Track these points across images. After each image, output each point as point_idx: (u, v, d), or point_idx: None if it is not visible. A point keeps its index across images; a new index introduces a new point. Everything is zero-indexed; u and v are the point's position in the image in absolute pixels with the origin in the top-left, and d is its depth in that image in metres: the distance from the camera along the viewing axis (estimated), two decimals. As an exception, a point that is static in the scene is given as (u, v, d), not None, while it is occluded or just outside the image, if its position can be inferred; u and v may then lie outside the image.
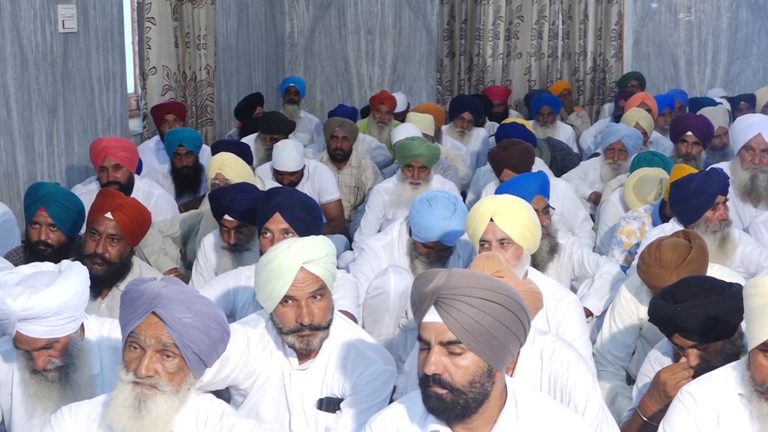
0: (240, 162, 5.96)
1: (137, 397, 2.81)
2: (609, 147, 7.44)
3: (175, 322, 2.82)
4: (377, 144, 9.02)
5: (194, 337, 2.84)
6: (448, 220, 4.73)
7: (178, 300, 2.85)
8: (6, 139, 6.59)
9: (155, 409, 2.81)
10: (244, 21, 10.81)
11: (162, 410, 2.82)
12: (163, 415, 2.83)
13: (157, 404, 2.82)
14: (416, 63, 12.11)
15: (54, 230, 4.72)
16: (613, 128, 7.60)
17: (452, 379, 2.62)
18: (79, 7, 7.38)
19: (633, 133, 7.45)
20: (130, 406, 2.81)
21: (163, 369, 2.83)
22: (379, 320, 4.94)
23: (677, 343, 3.59)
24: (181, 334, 2.82)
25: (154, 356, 2.83)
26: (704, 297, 3.52)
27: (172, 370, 2.84)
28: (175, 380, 2.85)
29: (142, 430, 2.82)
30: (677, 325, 3.53)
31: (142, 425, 2.82)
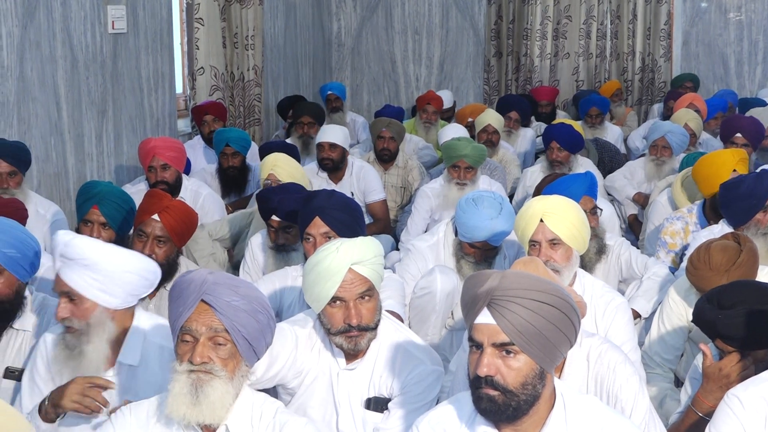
0: (292, 162, 5.98)
1: (193, 384, 2.84)
2: (653, 144, 7.37)
3: (224, 306, 2.85)
4: (424, 144, 9.02)
5: (243, 320, 2.86)
6: (495, 219, 4.71)
7: (225, 284, 2.88)
8: (57, 139, 6.66)
9: (212, 393, 2.84)
10: (292, 21, 10.85)
11: (219, 394, 2.84)
12: (221, 399, 2.85)
13: (214, 388, 2.84)
14: (463, 63, 12.09)
15: (106, 228, 4.77)
16: (658, 125, 7.54)
17: (504, 381, 2.61)
18: (128, 8, 7.44)
19: (677, 130, 7.37)
20: (188, 394, 2.84)
21: (217, 356, 2.86)
22: (426, 320, 4.93)
23: (719, 347, 3.57)
24: (231, 318, 2.85)
25: (207, 343, 2.86)
26: (749, 305, 3.48)
27: (224, 356, 2.87)
28: (229, 366, 2.87)
29: (201, 416, 2.85)
30: (718, 330, 3.51)
31: (201, 411, 2.84)
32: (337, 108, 9.94)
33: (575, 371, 3.44)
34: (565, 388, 2.79)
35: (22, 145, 5.76)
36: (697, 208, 5.75)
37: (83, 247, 3.35)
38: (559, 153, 7.22)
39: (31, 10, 6.32)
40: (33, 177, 6.33)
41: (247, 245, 5.25)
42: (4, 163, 5.54)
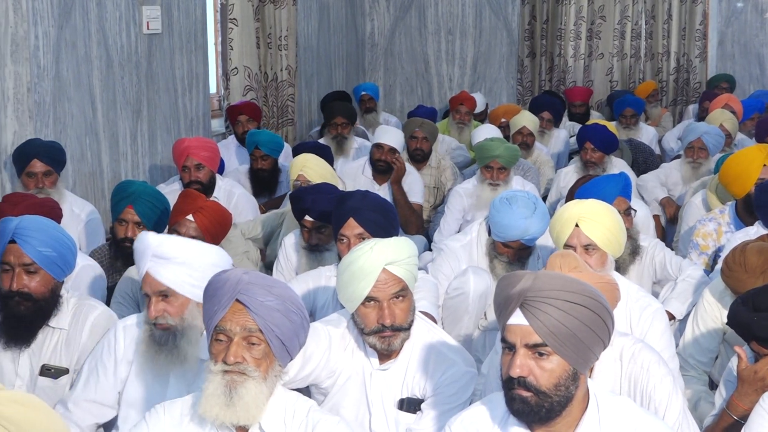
0: (322, 163, 5.99)
1: (227, 384, 2.84)
2: (689, 145, 7.33)
3: (258, 306, 2.85)
4: (457, 144, 9.01)
5: (277, 320, 2.86)
6: (529, 219, 4.70)
7: (259, 284, 2.88)
8: (91, 139, 6.70)
9: (246, 394, 2.84)
10: (325, 22, 10.87)
11: (252, 395, 2.85)
12: (254, 400, 2.85)
13: (248, 389, 2.84)
14: (496, 64, 12.06)
15: (140, 228, 4.79)
16: (693, 126, 7.49)
17: (537, 382, 2.61)
18: (163, 8, 7.48)
19: (713, 131, 7.33)
20: (221, 395, 2.84)
21: (250, 356, 2.86)
22: (458, 321, 4.92)
23: (754, 349, 3.54)
24: (265, 318, 2.85)
25: (241, 343, 2.86)
26: (784, 307, 3.46)
27: (258, 356, 2.87)
28: (263, 366, 2.88)
29: (234, 417, 2.85)
30: (754, 333, 3.49)
31: (235, 412, 2.84)
32: (371, 108, 9.94)
33: (607, 371, 3.43)
34: (598, 389, 2.79)
35: (58, 145, 5.80)
36: (729, 208, 5.71)
37: (177, 245, 3.45)
38: (593, 154, 7.19)
39: (67, 11, 6.36)
40: (68, 176, 6.37)
41: (281, 245, 5.26)
42: (40, 162, 5.58)
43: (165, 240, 3.46)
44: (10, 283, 3.76)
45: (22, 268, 3.76)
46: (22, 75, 5.98)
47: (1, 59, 5.88)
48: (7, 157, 5.92)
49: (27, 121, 6.04)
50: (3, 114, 5.93)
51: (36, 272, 3.75)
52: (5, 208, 4.56)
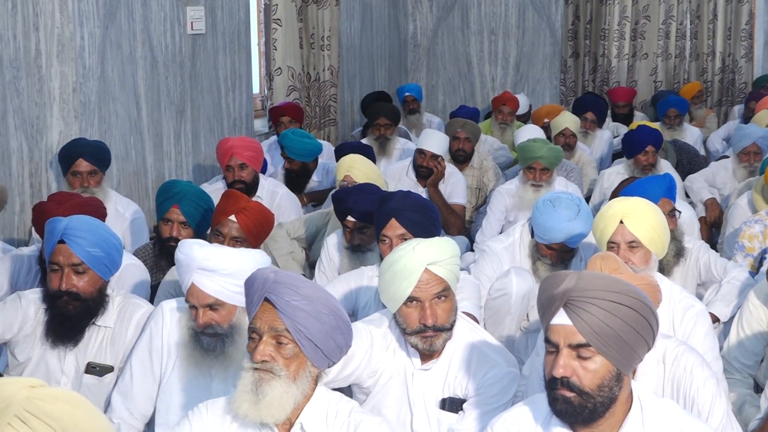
0: (368, 163, 5.99)
1: (255, 381, 2.85)
2: (743, 150, 7.27)
3: (285, 305, 2.85)
4: (499, 145, 8.98)
5: (304, 321, 2.85)
6: (573, 221, 4.68)
7: (286, 284, 2.88)
8: (136, 139, 6.75)
9: (270, 392, 2.84)
10: (368, 22, 10.88)
11: (277, 394, 2.84)
12: (279, 399, 2.85)
13: (272, 387, 2.84)
14: (539, 64, 12.02)
15: (185, 227, 4.82)
16: (747, 131, 7.41)
17: (581, 383, 2.59)
18: (207, 9, 7.52)
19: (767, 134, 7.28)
20: (249, 391, 2.85)
21: (279, 355, 2.86)
22: (501, 322, 4.91)
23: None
24: (292, 318, 2.84)
25: (269, 342, 2.86)
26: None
27: (287, 356, 2.87)
28: (292, 367, 2.87)
29: (259, 415, 2.86)
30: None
31: (259, 409, 2.85)
32: (414, 110, 9.93)
33: (650, 373, 3.40)
34: (642, 390, 2.77)
35: (103, 145, 5.85)
36: (777, 210, 5.67)
37: (222, 257, 3.45)
38: (652, 157, 7.13)
39: (113, 11, 6.41)
40: (113, 176, 6.42)
41: (324, 245, 5.27)
42: (85, 162, 5.63)
43: (211, 253, 3.46)
44: (59, 282, 3.80)
45: (71, 269, 3.80)
46: (67, 75, 6.04)
47: (48, 59, 5.94)
48: (53, 157, 5.99)
49: (72, 121, 6.10)
50: (49, 114, 5.99)
51: (84, 272, 3.78)
52: (51, 207, 4.60)
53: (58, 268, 3.81)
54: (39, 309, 3.95)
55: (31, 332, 3.96)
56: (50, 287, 3.85)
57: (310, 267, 5.88)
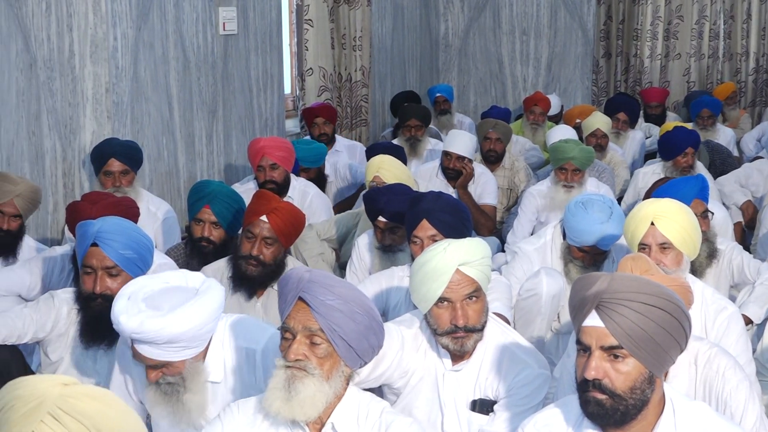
0: (398, 164, 5.98)
1: (287, 379, 2.86)
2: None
3: (319, 305, 2.85)
4: (531, 146, 8.96)
5: (338, 320, 2.86)
6: (605, 224, 4.66)
7: (321, 283, 2.88)
8: (168, 139, 6.78)
9: (303, 390, 2.84)
10: (399, 22, 10.88)
11: (310, 392, 2.85)
12: (311, 397, 2.85)
13: (305, 385, 2.85)
14: (571, 64, 11.97)
15: (217, 227, 4.83)
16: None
17: (613, 385, 2.58)
18: (239, 9, 7.54)
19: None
20: (281, 389, 2.86)
21: (312, 354, 2.87)
22: (531, 323, 4.90)
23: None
24: (326, 317, 2.85)
25: (303, 341, 2.87)
26: None
27: (321, 355, 2.87)
28: (325, 366, 2.88)
29: (291, 413, 2.86)
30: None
31: (292, 407, 2.85)
32: (446, 110, 9.91)
33: (682, 375, 3.38)
34: (674, 393, 2.75)
35: (135, 144, 5.88)
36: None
37: (155, 328, 3.11)
38: (691, 159, 7.09)
39: (145, 12, 6.44)
40: (145, 176, 6.45)
41: (354, 245, 5.28)
42: (117, 162, 5.65)
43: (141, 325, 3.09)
44: (93, 285, 3.82)
45: (105, 271, 3.83)
46: (100, 75, 6.07)
47: (81, 60, 5.97)
48: (86, 156, 6.02)
49: (105, 121, 6.13)
50: (82, 114, 6.03)
51: (118, 274, 3.80)
52: (84, 207, 4.63)
53: (92, 271, 3.84)
54: (72, 309, 3.98)
55: (64, 332, 3.99)
56: (84, 289, 3.88)
57: (340, 268, 5.89)
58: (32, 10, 5.63)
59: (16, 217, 5.05)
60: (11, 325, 3.90)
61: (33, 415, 2.11)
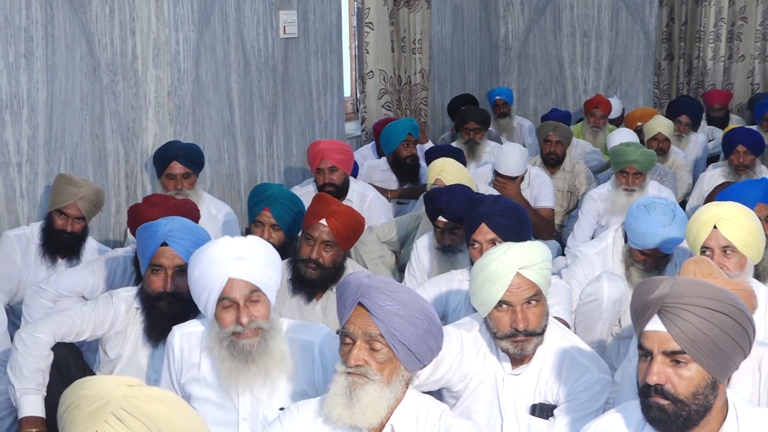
0: (459, 167, 5.96)
1: (348, 386, 2.87)
2: None
3: (379, 310, 2.86)
4: (591, 148, 8.90)
5: (398, 325, 2.86)
6: (667, 227, 4.62)
7: (380, 288, 2.89)
8: (229, 141, 6.83)
9: (364, 396, 2.85)
10: (459, 25, 10.86)
11: (371, 398, 2.86)
12: (373, 403, 2.86)
13: (367, 392, 2.86)
14: (633, 66, 11.86)
15: (276, 230, 4.86)
16: None
17: (675, 390, 2.56)
18: (299, 13, 7.58)
19: None
20: (343, 395, 2.87)
21: (373, 359, 2.88)
22: (592, 327, 4.86)
23: None
24: (386, 322, 2.85)
25: (363, 346, 2.87)
26: None
27: (381, 360, 2.88)
28: (386, 371, 2.89)
29: (353, 419, 2.87)
30: None
31: (353, 414, 2.86)
32: (505, 113, 9.86)
33: (745, 381, 3.34)
34: (737, 399, 2.71)
35: (196, 147, 5.93)
36: None
37: (254, 245, 3.40)
38: (745, 157, 7.00)
39: (207, 16, 6.50)
40: (206, 178, 6.50)
41: (413, 248, 5.28)
42: (179, 164, 5.71)
43: (243, 242, 3.37)
44: (163, 284, 3.87)
45: (176, 270, 3.87)
46: (163, 79, 6.13)
47: (144, 63, 6.04)
48: (148, 159, 6.09)
49: (167, 124, 6.19)
50: (144, 117, 6.09)
51: (184, 271, 3.83)
52: (146, 210, 4.68)
53: (161, 270, 3.88)
54: (131, 307, 4.02)
55: (122, 329, 4.04)
56: (151, 289, 3.92)
57: (399, 270, 5.89)
58: (96, 15, 5.70)
59: (79, 220, 5.12)
60: (70, 323, 3.95)
61: (97, 415, 2.14)
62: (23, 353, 3.86)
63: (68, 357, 4.02)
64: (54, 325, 3.93)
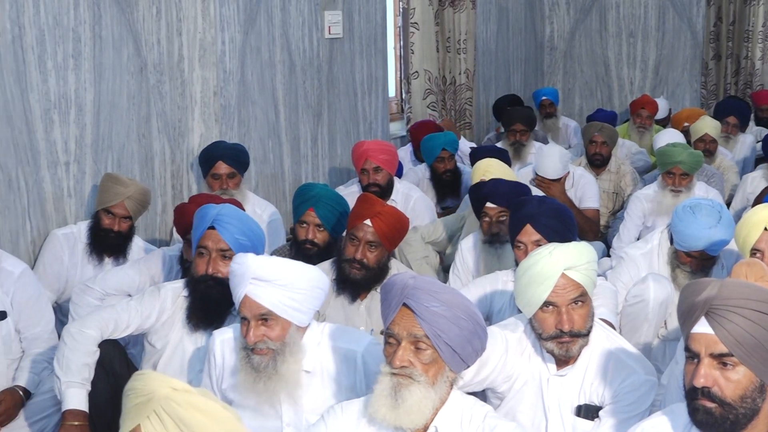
0: (504, 167, 5.95)
1: (393, 387, 2.88)
2: None
3: (424, 311, 2.86)
4: (637, 149, 8.84)
5: (443, 326, 2.87)
6: (713, 228, 4.57)
7: (425, 290, 2.89)
8: (274, 142, 6.85)
9: (410, 397, 2.86)
10: (504, 25, 10.83)
11: (416, 399, 2.86)
12: (418, 404, 2.87)
13: (411, 393, 2.86)
14: (680, 66, 11.77)
15: (321, 230, 4.86)
16: None
17: (722, 393, 2.54)
18: (344, 13, 7.59)
19: None
20: (388, 396, 2.88)
21: (418, 360, 2.88)
22: (637, 329, 4.83)
23: None
24: (431, 323, 2.86)
25: (408, 347, 2.88)
26: None
27: (426, 361, 2.88)
28: (431, 372, 2.89)
29: (398, 420, 2.88)
30: None
31: (398, 414, 2.87)
32: (551, 114, 9.82)
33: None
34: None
35: (242, 147, 5.95)
36: None
37: (278, 267, 3.34)
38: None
39: (253, 17, 6.53)
40: (251, 178, 6.53)
41: (458, 248, 5.27)
42: (224, 164, 5.74)
43: (266, 262, 3.35)
44: (206, 267, 3.90)
45: (219, 254, 3.92)
46: (209, 79, 6.17)
47: (190, 64, 6.08)
48: (194, 159, 6.12)
49: (213, 124, 6.23)
50: (190, 117, 6.13)
51: (230, 258, 3.85)
52: (191, 209, 4.69)
53: (206, 253, 3.92)
54: (177, 297, 4.05)
55: (167, 319, 4.06)
56: (195, 271, 3.96)
57: (444, 271, 5.88)
58: (143, 15, 5.74)
59: (126, 219, 5.16)
60: (117, 319, 3.99)
61: (142, 409, 2.21)
62: (71, 347, 3.90)
63: (112, 354, 4.06)
64: (102, 321, 3.97)
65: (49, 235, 5.20)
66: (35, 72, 5.04)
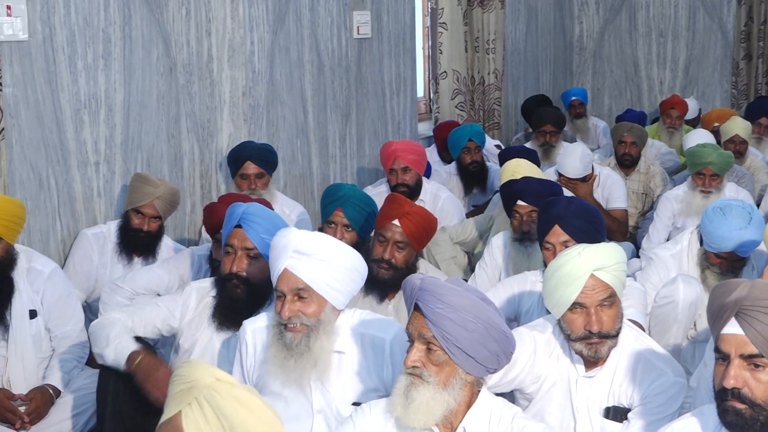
0: (533, 168, 5.93)
1: (407, 386, 2.89)
2: None
3: (431, 313, 2.86)
4: (667, 150, 8.80)
5: (450, 328, 2.86)
6: (744, 230, 4.55)
7: (431, 291, 2.89)
8: (302, 142, 6.87)
9: (418, 397, 2.86)
10: (533, 25, 10.80)
11: (424, 399, 2.86)
12: (426, 404, 2.86)
13: (420, 393, 2.86)
14: (710, 66, 11.70)
15: (349, 230, 4.87)
16: None
17: (752, 394, 2.52)
18: (373, 13, 7.60)
19: None
20: (402, 395, 2.89)
21: (429, 361, 2.88)
22: (667, 330, 4.81)
23: None
24: (438, 325, 2.86)
25: (420, 348, 2.88)
26: None
27: (437, 362, 2.88)
28: (442, 373, 2.88)
29: (408, 419, 2.89)
30: None
31: (408, 414, 2.88)
32: (581, 114, 9.78)
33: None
34: (817, 406, 2.66)
35: (270, 147, 5.96)
36: None
37: (320, 241, 3.39)
38: None
39: (281, 17, 6.54)
40: (279, 178, 6.55)
41: (488, 244, 5.27)
42: (253, 165, 5.75)
43: (308, 235, 3.39)
44: (231, 265, 3.90)
45: (244, 252, 3.90)
46: (238, 79, 6.19)
47: (219, 64, 6.10)
48: (222, 159, 6.14)
49: (242, 124, 6.25)
50: (219, 117, 6.15)
51: (256, 258, 3.86)
52: (220, 209, 4.71)
53: (232, 251, 3.91)
54: (206, 295, 4.04)
55: (192, 318, 4.06)
56: (222, 269, 3.96)
57: (472, 271, 5.87)
58: (173, 16, 5.77)
59: (155, 219, 5.19)
60: (142, 314, 3.99)
61: (184, 396, 2.25)
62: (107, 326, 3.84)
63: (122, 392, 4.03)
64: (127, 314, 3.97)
65: (79, 235, 5.24)
66: (66, 72, 5.08)
